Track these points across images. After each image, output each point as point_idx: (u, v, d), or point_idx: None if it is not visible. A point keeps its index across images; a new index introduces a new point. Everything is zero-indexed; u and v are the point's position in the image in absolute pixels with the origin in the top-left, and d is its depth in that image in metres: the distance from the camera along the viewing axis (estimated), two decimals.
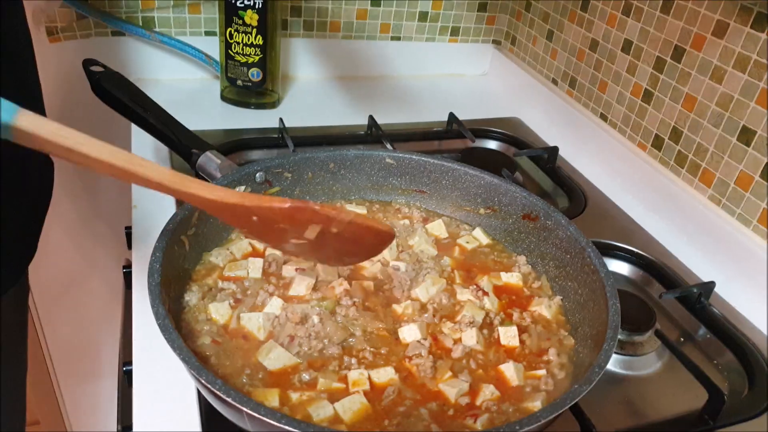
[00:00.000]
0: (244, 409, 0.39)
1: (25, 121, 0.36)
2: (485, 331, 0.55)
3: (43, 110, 0.59)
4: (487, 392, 0.49)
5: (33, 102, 0.56)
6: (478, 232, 0.68)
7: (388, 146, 0.92)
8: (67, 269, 1.18)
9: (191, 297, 0.54)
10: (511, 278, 0.62)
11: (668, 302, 0.72)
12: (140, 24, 1.02)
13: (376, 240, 0.48)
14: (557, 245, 0.61)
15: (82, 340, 1.26)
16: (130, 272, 0.79)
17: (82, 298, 1.22)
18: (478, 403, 0.48)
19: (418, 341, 0.52)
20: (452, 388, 0.48)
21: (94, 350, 1.28)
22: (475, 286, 0.59)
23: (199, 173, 0.63)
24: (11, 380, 0.70)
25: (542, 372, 0.52)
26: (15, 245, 0.59)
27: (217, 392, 0.40)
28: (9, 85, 0.51)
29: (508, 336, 0.54)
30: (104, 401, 1.37)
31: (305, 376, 0.48)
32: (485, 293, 0.58)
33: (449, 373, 0.50)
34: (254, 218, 0.44)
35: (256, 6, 0.93)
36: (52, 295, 1.17)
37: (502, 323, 0.56)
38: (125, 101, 0.65)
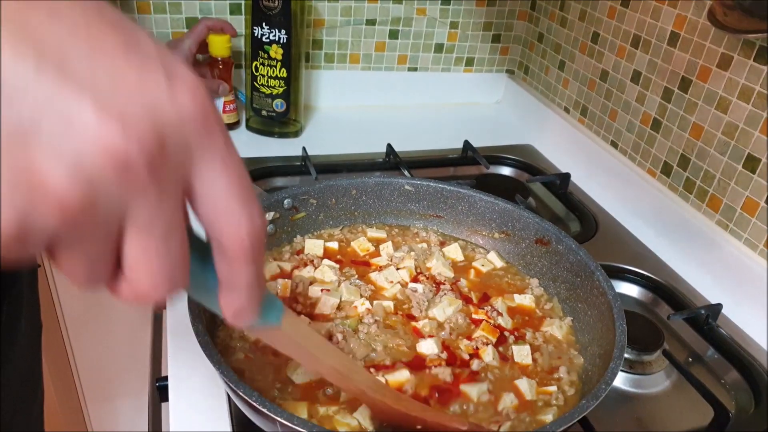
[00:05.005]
0: (279, 419, 0.43)
1: (287, 324, 0.37)
2: (501, 348, 0.58)
3: None
4: (507, 400, 0.52)
5: None
6: (492, 256, 0.71)
7: (406, 173, 0.96)
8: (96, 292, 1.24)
9: None
10: (524, 300, 0.65)
11: (677, 323, 0.75)
12: None
13: None
14: (568, 269, 0.64)
15: (109, 361, 1.31)
16: None
17: (109, 319, 1.27)
18: (499, 408, 0.52)
19: (437, 354, 0.56)
20: (473, 388, 0.52)
21: (122, 370, 1.33)
22: (490, 307, 0.63)
23: None
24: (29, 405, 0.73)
25: (553, 388, 0.54)
26: None
27: (254, 404, 0.43)
28: None
29: (522, 354, 0.57)
30: (128, 419, 1.41)
31: (329, 390, 0.52)
32: (500, 314, 0.62)
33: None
34: (419, 427, 0.47)
35: (281, 41, 0.98)
36: (81, 316, 1.22)
37: (515, 342, 0.59)
38: None
